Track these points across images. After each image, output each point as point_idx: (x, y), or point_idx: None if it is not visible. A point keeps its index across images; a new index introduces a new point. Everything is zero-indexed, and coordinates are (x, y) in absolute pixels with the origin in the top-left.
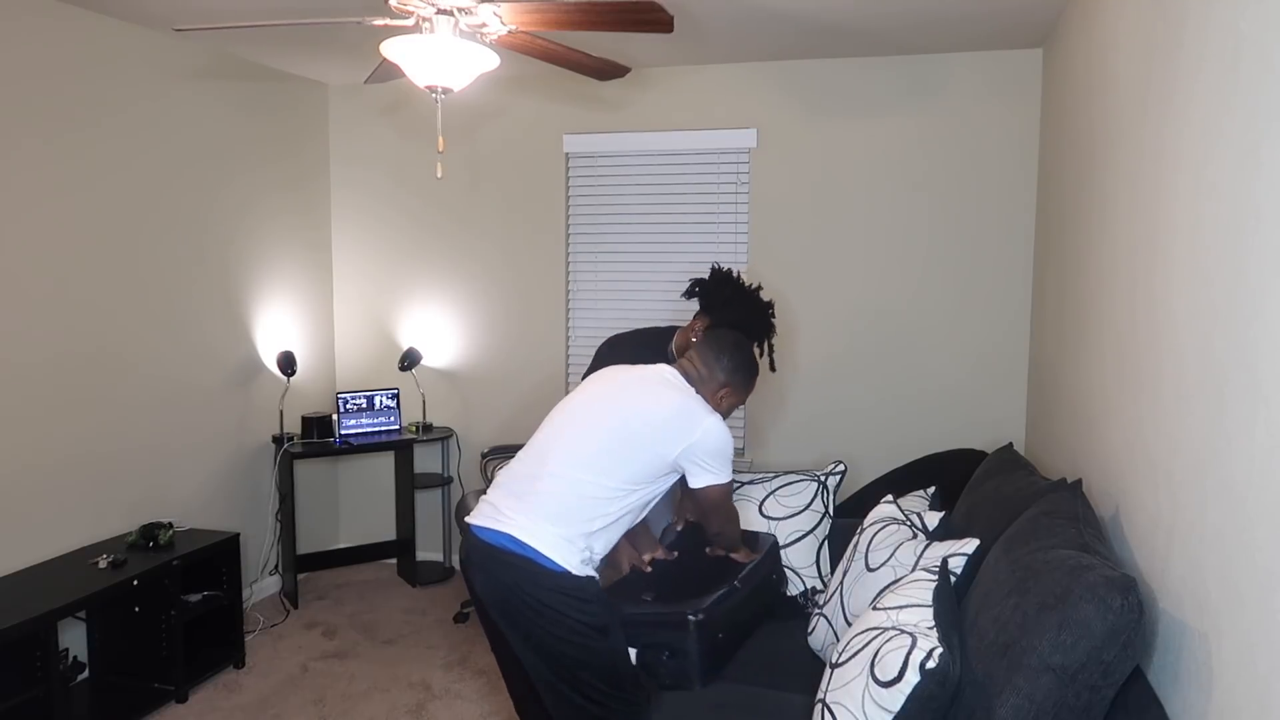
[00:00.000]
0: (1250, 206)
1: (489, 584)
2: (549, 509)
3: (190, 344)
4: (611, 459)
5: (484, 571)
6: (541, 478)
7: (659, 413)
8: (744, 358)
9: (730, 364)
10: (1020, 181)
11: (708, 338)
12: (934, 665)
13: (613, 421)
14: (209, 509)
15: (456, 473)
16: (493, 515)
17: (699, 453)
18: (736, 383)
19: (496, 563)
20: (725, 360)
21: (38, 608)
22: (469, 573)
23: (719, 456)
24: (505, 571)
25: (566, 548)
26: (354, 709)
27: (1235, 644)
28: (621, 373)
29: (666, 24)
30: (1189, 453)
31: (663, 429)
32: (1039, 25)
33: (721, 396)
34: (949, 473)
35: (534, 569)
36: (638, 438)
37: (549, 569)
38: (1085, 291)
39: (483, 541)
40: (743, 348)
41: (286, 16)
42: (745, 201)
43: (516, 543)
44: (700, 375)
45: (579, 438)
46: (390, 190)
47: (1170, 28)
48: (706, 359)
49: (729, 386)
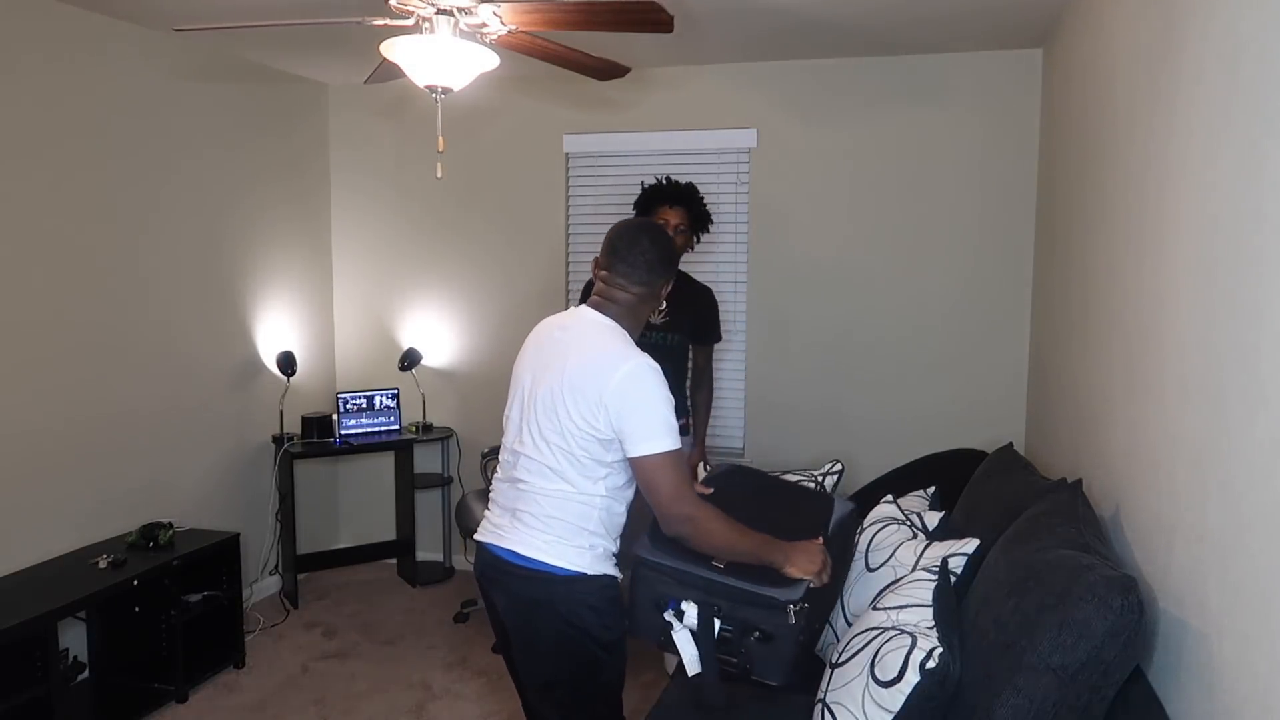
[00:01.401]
0: (1251, 206)
1: (508, 599)
2: (537, 519)
3: (190, 344)
4: (559, 458)
5: (501, 587)
6: (520, 493)
7: (571, 375)
8: (650, 240)
9: (643, 256)
10: (1020, 181)
11: (604, 248)
12: (934, 665)
13: (545, 420)
14: (209, 509)
15: (456, 473)
16: (495, 531)
17: (623, 409)
18: (662, 274)
19: (512, 577)
20: (636, 255)
21: (38, 608)
22: (486, 590)
23: (648, 410)
24: (522, 586)
25: (573, 552)
26: (354, 709)
27: (1235, 644)
28: (538, 344)
29: (666, 24)
30: (1189, 453)
31: (579, 394)
32: (1039, 25)
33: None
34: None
35: (547, 578)
36: (568, 422)
37: (563, 575)
38: (1085, 291)
39: (494, 556)
40: (641, 229)
41: (286, 16)
42: (745, 201)
43: (520, 556)
44: (618, 298)
45: (528, 443)
46: (390, 190)
47: (1170, 28)
48: (616, 270)
49: (660, 284)
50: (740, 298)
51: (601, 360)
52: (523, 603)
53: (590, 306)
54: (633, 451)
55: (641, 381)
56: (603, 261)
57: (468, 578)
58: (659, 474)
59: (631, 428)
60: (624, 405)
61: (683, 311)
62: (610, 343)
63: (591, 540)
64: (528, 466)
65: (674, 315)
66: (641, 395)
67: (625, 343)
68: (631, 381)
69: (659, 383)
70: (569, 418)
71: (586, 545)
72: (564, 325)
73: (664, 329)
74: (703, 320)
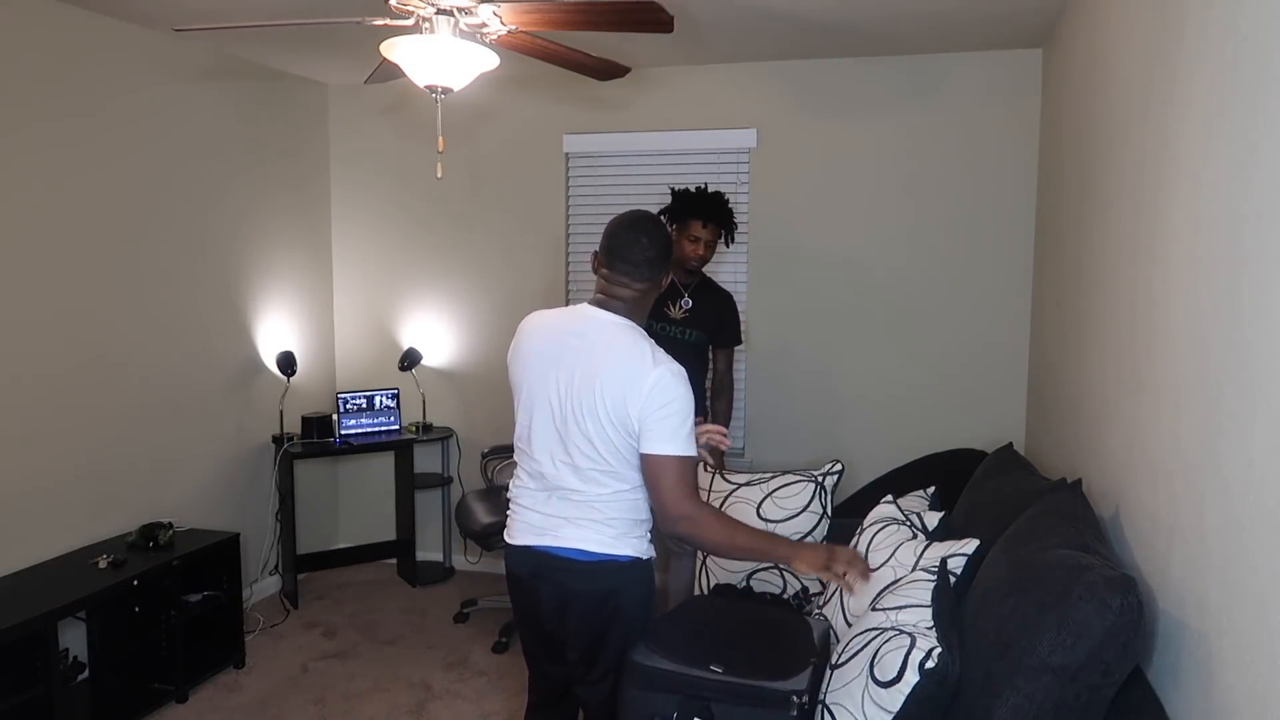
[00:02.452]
0: (1250, 206)
1: (567, 592)
2: (596, 522)
3: (190, 344)
4: (612, 461)
5: (554, 583)
6: (573, 503)
7: (604, 381)
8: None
9: (644, 255)
10: (1020, 181)
11: (603, 246)
12: (933, 665)
13: (590, 426)
14: (209, 509)
15: (456, 473)
16: (549, 533)
17: (647, 408)
18: (663, 268)
19: (569, 572)
20: (637, 254)
21: (38, 608)
22: (526, 590)
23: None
24: (578, 580)
25: (635, 542)
26: (354, 709)
27: (1235, 644)
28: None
29: (666, 24)
30: (1189, 453)
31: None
32: (1039, 25)
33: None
34: (949, 473)
35: (615, 567)
36: (610, 429)
37: (627, 561)
38: (1085, 291)
39: (547, 555)
40: (638, 227)
41: (286, 16)
42: (745, 201)
43: (585, 553)
44: (623, 295)
45: (574, 453)
46: (390, 190)
47: (1170, 28)
48: (618, 270)
49: (661, 276)
50: (740, 297)
51: (634, 365)
52: (587, 595)
53: (596, 305)
54: (647, 449)
55: (671, 388)
56: (603, 260)
57: (468, 578)
58: (668, 473)
59: (651, 425)
60: (650, 405)
61: (706, 311)
62: (635, 344)
63: (645, 528)
64: (577, 475)
65: (696, 312)
66: (669, 399)
67: (650, 345)
68: (662, 386)
69: (686, 391)
70: (610, 423)
71: (642, 533)
72: (576, 331)
73: (685, 324)
74: (724, 323)
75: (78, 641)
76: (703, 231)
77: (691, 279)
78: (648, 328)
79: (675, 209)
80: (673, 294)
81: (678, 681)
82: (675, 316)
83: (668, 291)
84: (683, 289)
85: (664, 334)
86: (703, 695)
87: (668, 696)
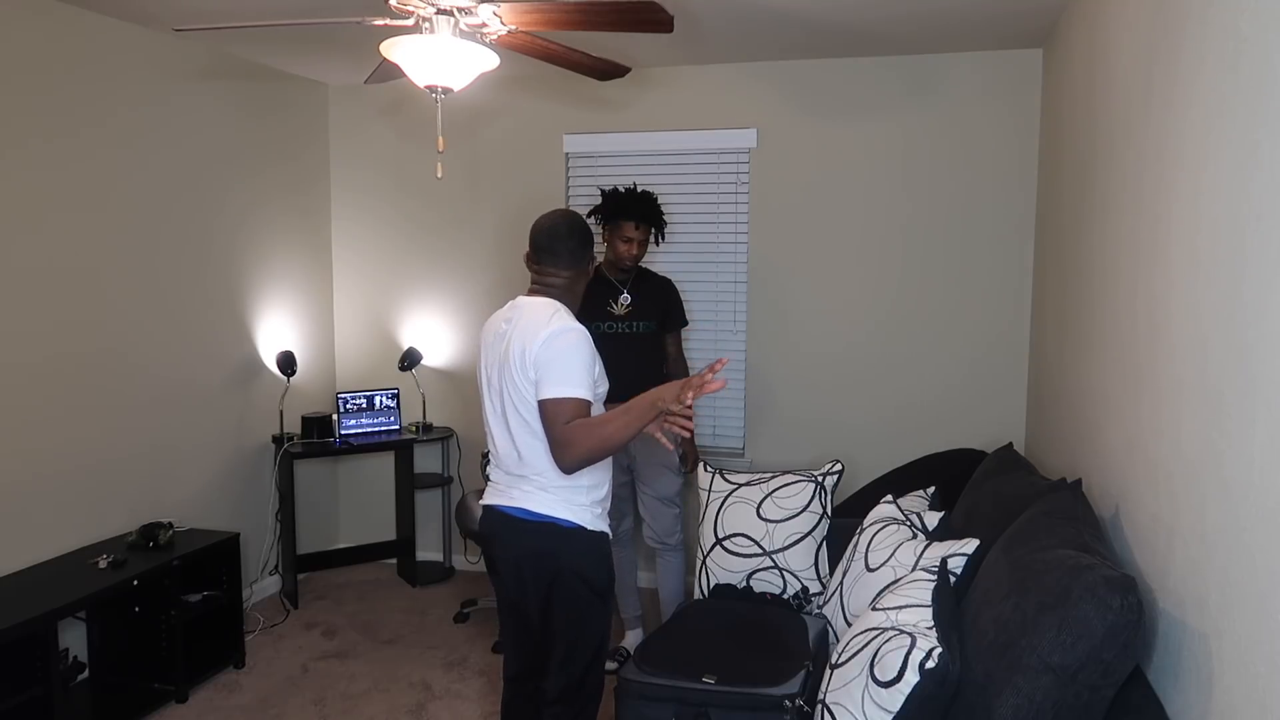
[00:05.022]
0: (1250, 207)
1: (507, 551)
2: (538, 487)
3: (190, 344)
4: (537, 424)
5: (501, 540)
6: (523, 464)
7: (514, 348)
8: (567, 230)
9: (565, 245)
10: (1020, 181)
11: (530, 245)
12: (933, 665)
13: (516, 397)
14: (209, 509)
15: (456, 473)
16: (504, 493)
17: (540, 360)
18: (584, 256)
19: (514, 530)
20: (558, 246)
21: (38, 608)
22: (489, 545)
23: (563, 363)
24: (523, 537)
25: (574, 510)
26: (354, 709)
27: (1235, 644)
28: (489, 341)
29: (666, 24)
30: (1189, 453)
31: (522, 359)
32: (1039, 25)
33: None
34: (949, 473)
35: (552, 529)
36: (526, 391)
37: (567, 527)
38: (1085, 291)
39: (502, 514)
40: (558, 223)
41: (286, 16)
42: (745, 201)
43: (528, 512)
44: (553, 283)
45: (513, 421)
46: (390, 190)
47: (1170, 28)
48: (544, 262)
49: (586, 263)
50: (740, 297)
51: (535, 325)
52: (529, 552)
53: (528, 294)
54: (540, 394)
55: (563, 339)
56: (532, 256)
57: (468, 577)
58: (557, 414)
59: (544, 375)
60: (542, 356)
61: (646, 302)
62: (544, 312)
63: (588, 497)
64: (512, 440)
65: (638, 305)
66: (559, 350)
67: (560, 312)
68: (555, 338)
69: (581, 345)
70: (524, 378)
71: (585, 501)
72: (508, 318)
73: (630, 318)
74: (668, 308)
75: (78, 641)
76: (634, 232)
77: (627, 275)
78: (595, 330)
79: (607, 210)
80: (612, 292)
81: (673, 694)
82: (619, 313)
83: (608, 291)
84: (620, 286)
85: (612, 331)
86: (699, 704)
87: (664, 706)
